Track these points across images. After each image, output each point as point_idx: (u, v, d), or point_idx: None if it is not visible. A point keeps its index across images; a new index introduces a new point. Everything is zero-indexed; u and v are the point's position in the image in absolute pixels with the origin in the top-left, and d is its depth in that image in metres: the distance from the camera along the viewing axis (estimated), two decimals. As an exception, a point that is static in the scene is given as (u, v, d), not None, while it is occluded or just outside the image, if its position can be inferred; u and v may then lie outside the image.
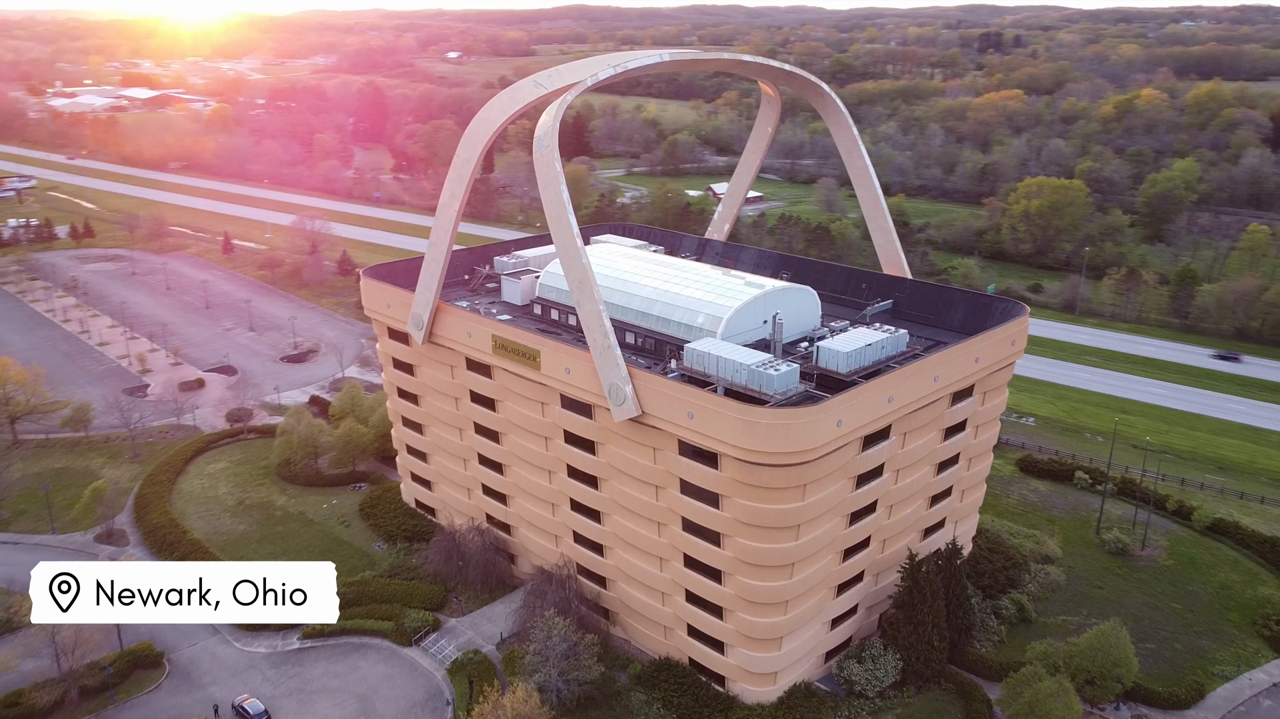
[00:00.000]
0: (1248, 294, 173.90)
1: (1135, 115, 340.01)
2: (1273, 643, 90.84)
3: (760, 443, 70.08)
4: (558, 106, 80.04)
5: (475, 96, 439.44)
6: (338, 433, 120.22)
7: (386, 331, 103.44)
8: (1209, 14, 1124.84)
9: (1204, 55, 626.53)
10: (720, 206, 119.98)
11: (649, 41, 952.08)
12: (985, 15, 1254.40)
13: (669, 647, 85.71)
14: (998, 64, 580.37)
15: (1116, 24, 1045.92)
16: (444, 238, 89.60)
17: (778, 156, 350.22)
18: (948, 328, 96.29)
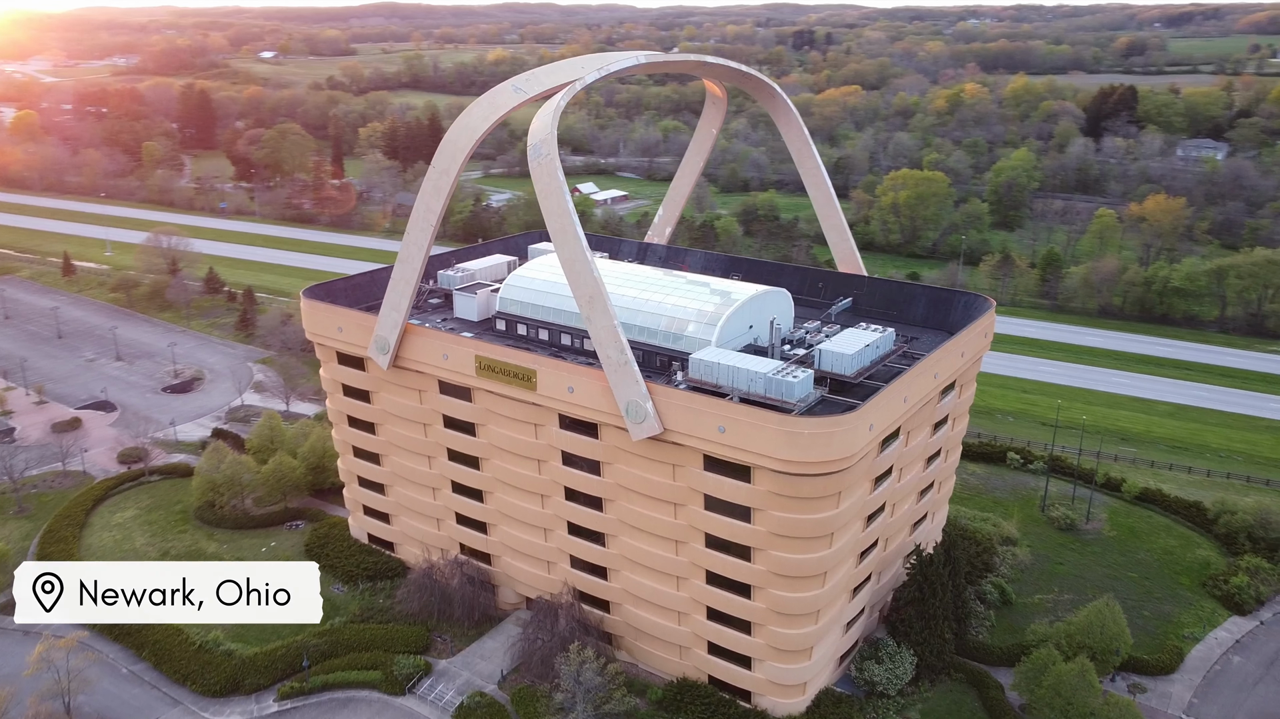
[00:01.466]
0: (1110, 274, 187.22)
1: (965, 109, 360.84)
2: (1225, 602, 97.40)
3: (803, 453, 68.68)
4: (553, 112, 75.91)
5: (309, 99, 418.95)
6: (266, 468, 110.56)
7: (335, 357, 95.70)
8: (990, 12, 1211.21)
9: (1000, 52, 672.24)
10: (661, 210, 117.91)
11: (473, 40, 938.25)
12: (789, 14, 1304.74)
13: (685, 667, 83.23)
14: (821, 61, 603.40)
15: (912, 21, 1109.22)
16: (416, 255, 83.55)
17: (634, 155, 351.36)
18: (911, 323, 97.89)
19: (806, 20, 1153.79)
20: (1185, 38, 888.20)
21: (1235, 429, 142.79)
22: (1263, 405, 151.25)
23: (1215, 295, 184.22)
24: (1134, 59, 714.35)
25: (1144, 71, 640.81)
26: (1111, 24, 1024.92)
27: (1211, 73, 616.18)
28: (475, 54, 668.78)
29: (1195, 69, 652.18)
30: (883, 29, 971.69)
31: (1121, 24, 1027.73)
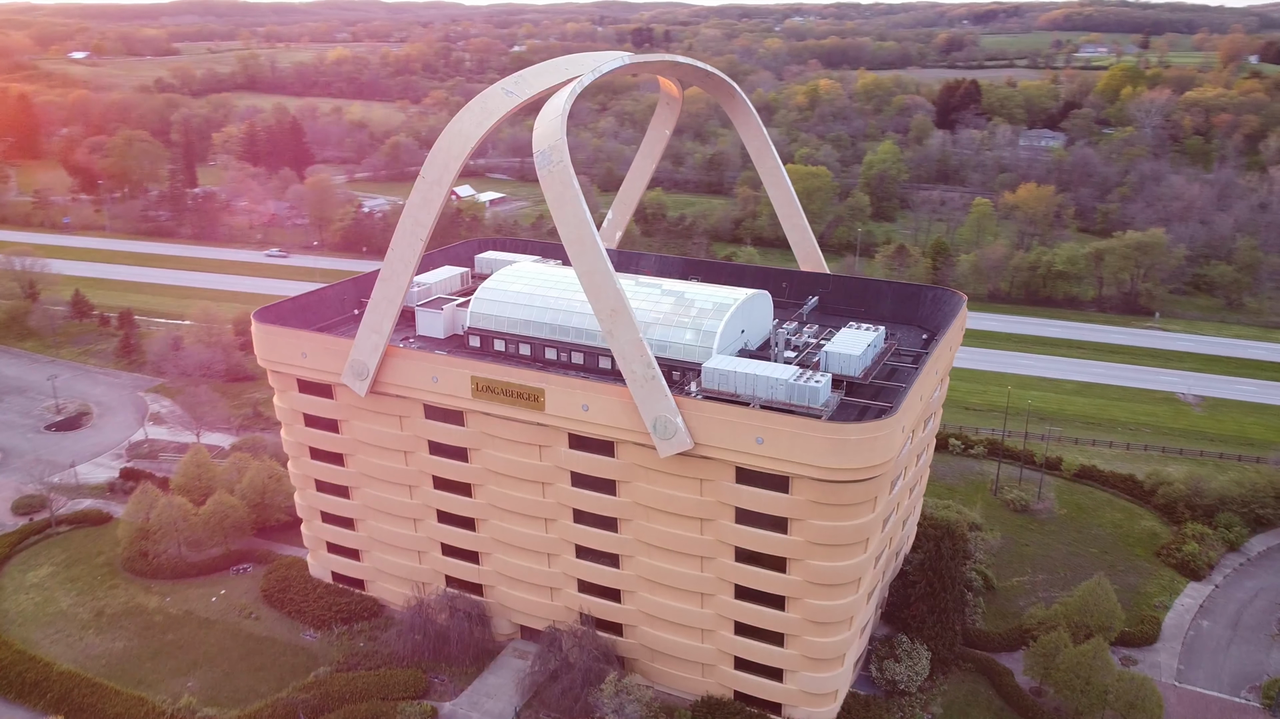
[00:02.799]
0: (998, 261, 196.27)
1: (824, 104, 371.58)
2: (1181, 569, 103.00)
3: (849, 459, 67.57)
4: (559, 117, 71.85)
5: (143, 103, 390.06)
6: (204, 509, 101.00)
7: (295, 385, 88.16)
8: (813, 10, 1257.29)
9: (835, 48, 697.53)
10: (611, 213, 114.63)
11: (305, 39, 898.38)
12: (620, 11, 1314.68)
13: (707, 684, 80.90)
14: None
15: (741, 19, 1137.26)
16: (402, 272, 77.84)
17: (505, 155, 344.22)
18: (879, 319, 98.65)
19: (639, 18, 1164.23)
20: (993, 34, 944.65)
21: (1137, 403, 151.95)
22: (1154, 379, 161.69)
23: (1094, 277, 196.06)
24: (954, 54, 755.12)
25: (966, 66, 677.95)
26: (925, 20, 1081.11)
27: (1026, 67, 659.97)
28: (313, 53, 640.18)
29: (1011, 63, 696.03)
30: (717, 27, 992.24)
31: (934, 20, 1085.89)
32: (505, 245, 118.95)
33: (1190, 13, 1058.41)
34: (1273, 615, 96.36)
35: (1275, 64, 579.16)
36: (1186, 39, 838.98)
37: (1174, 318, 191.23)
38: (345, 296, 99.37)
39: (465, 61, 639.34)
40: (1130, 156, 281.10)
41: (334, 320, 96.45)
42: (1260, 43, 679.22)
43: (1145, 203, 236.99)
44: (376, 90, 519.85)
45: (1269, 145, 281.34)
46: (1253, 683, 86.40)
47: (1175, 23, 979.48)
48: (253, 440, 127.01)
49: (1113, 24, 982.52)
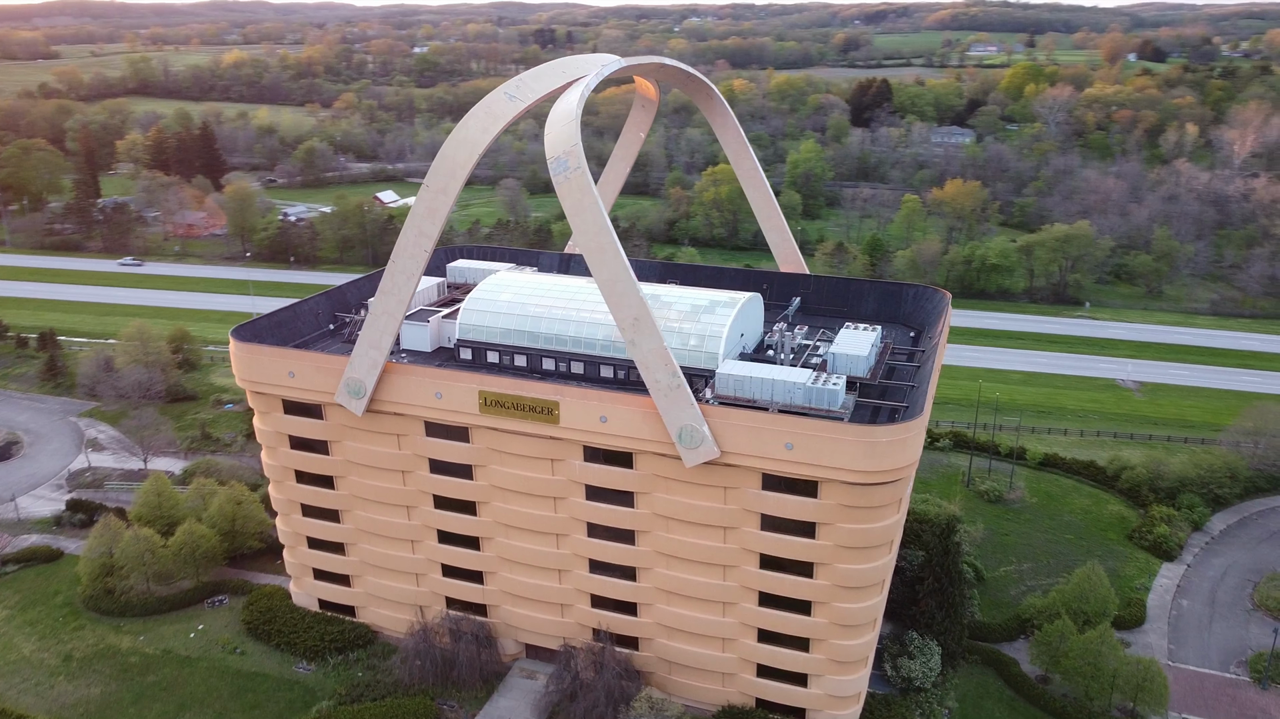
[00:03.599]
0: (933, 256, 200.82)
1: (742, 103, 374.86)
2: (1154, 551, 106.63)
3: (880, 461, 67.39)
4: (572, 121, 69.82)
5: (32, 109, 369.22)
6: (174, 540, 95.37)
7: (280, 406, 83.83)
8: (709, 10, 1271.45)
9: (738, 49, 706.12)
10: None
11: (196, 40, 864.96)
12: (516, 12, 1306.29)
13: (728, 694, 79.93)
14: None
15: (639, 20, 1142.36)
16: (405, 285, 74.49)
17: (423, 159, 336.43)
18: (862, 318, 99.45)
19: (538, 19, 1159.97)
20: (885, 34, 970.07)
21: (1081, 390, 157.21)
22: (1093, 366, 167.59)
23: (1025, 269, 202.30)
24: (853, 54, 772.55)
25: (865, 65, 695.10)
26: (819, 21, 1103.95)
27: (923, 65, 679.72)
28: (208, 56, 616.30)
29: (908, 62, 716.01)
30: (618, 28, 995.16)
31: (827, 21, 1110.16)
32: (474, 254, 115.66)
33: (1068, 13, 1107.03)
34: (1244, 591, 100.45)
35: (1152, 61, 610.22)
36: (1068, 38, 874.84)
37: (1101, 307, 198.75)
38: (320, 311, 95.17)
39: (368, 63, 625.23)
40: (1040, 151, 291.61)
41: (311, 336, 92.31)
42: (1137, 41, 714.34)
43: (1062, 196, 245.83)
44: (278, 94, 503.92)
45: (1168, 139, 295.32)
46: (1239, 658, 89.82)
47: (1054, 22, 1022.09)
48: (206, 464, 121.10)
49: (997, 24, 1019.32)
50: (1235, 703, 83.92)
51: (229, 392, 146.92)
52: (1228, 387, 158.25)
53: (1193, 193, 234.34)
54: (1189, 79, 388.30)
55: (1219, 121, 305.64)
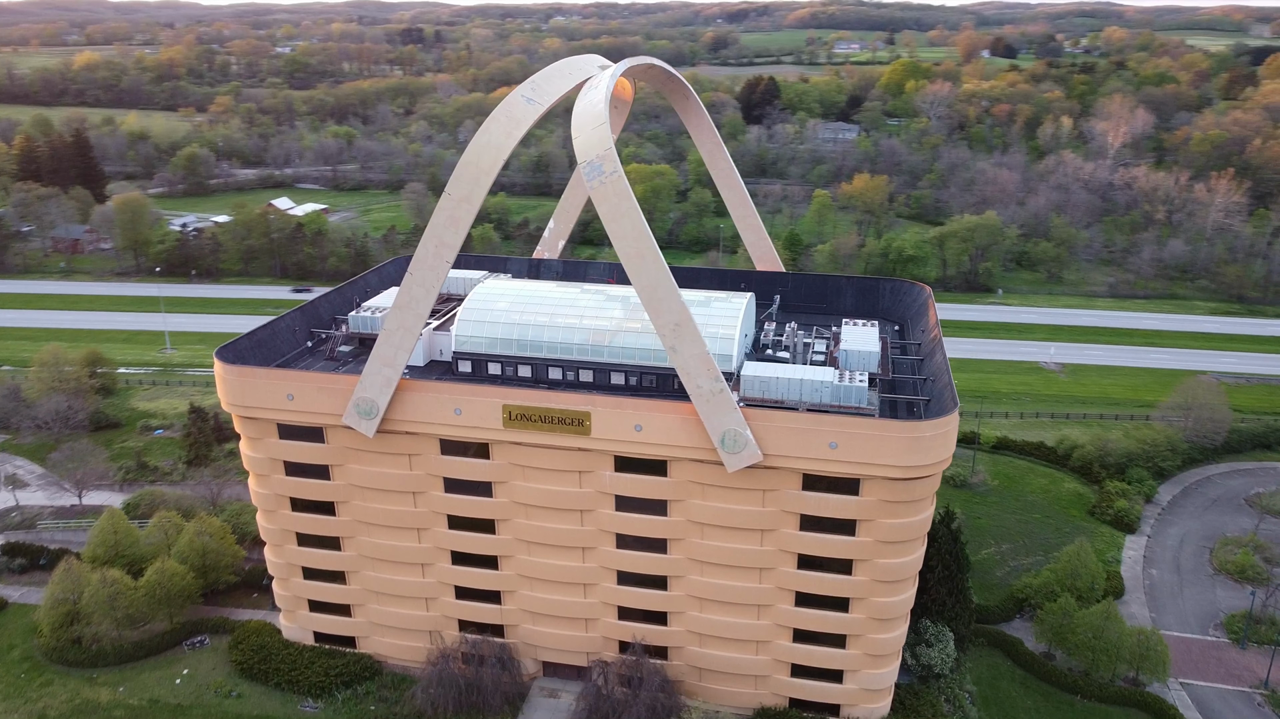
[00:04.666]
0: (851, 249, 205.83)
1: (636, 102, 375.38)
2: (1116, 524, 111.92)
3: (922, 456, 68.33)
4: (604, 124, 68.02)
5: None
6: (145, 581, 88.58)
7: (274, 431, 78.92)
8: (573, 9, 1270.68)
9: (612, 47, 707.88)
10: (552, 223, 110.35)
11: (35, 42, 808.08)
12: (374, 10, 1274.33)
13: (760, 696, 79.69)
14: (457, 59, 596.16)
15: (504, 19, 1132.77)
16: (423, 299, 71.22)
17: (312, 164, 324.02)
18: (842, 313, 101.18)
19: (400, 18, 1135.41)
20: (749, 32, 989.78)
21: (1010, 374, 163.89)
22: (1015, 350, 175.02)
23: (938, 259, 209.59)
24: (723, 52, 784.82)
25: (738, 63, 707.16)
26: (683, 19, 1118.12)
27: (793, 64, 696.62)
28: (54, 58, 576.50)
29: (778, 60, 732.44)
30: (487, 26, 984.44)
31: (691, 19, 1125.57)
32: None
33: (918, 11, 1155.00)
34: (1203, 557, 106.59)
35: (1005, 57, 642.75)
36: (923, 36, 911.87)
37: (1011, 293, 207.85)
38: (296, 328, 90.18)
39: (231, 65, 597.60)
40: (930, 145, 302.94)
41: (291, 354, 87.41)
42: (989, 38, 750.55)
43: (958, 188, 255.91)
44: (139, 98, 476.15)
45: (1044, 132, 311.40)
46: (1215, 620, 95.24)
47: (907, 20, 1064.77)
48: (150, 496, 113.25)
49: (854, 22, 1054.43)
50: (1221, 664, 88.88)
51: (156, 416, 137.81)
52: (1140, 364, 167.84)
53: (1079, 182, 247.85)
54: (1054, 74, 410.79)
55: (1087, 114, 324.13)
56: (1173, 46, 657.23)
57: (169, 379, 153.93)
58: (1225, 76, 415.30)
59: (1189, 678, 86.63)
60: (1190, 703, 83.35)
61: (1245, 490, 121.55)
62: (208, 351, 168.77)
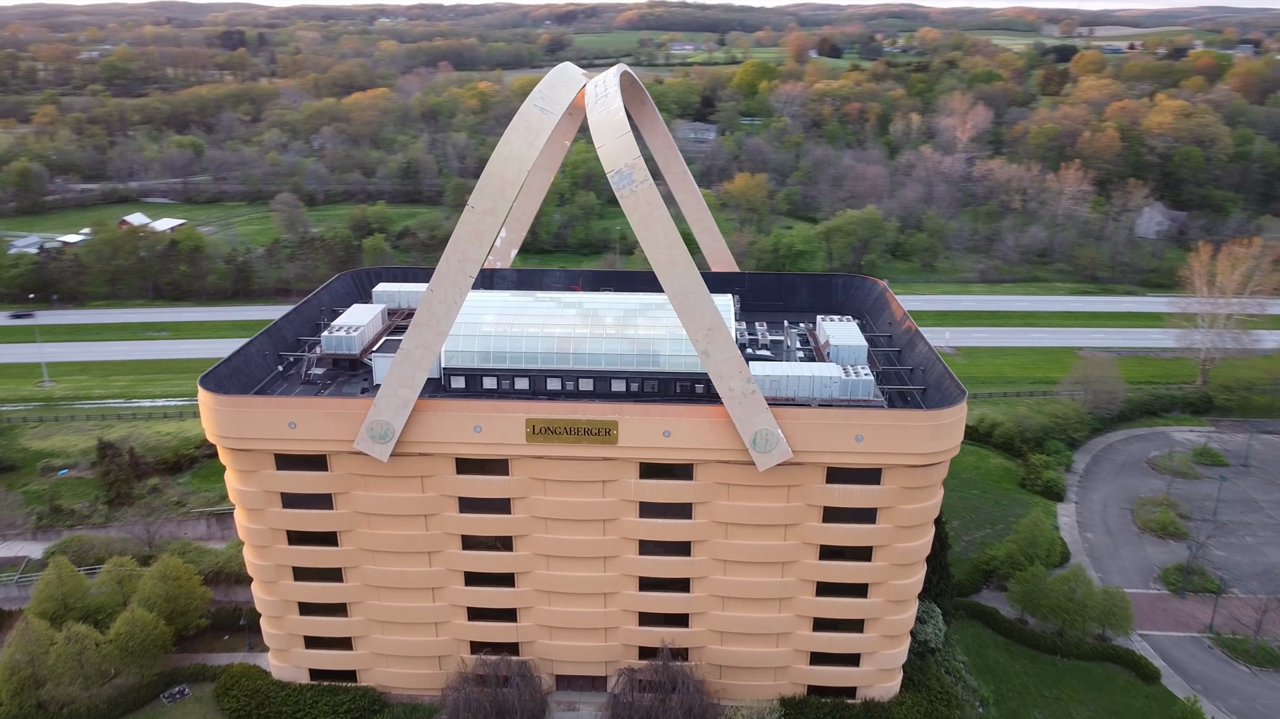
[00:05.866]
0: (743, 245, 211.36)
1: (497, 106, 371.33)
2: (1046, 494, 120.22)
3: (941, 442, 71.96)
4: (629, 133, 68.27)
5: None
6: (114, 634, 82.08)
7: (272, 461, 74.90)
8: (396, 10, 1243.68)
9: (450, 49, 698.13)
10: (504, 232, 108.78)
11: None
12: (182, 12, 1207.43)
13: (780, 687, 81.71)
14: (292, 64, 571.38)
15: (326, 20, 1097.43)
16: (444, 316, 69.28)
17: (161, 176, 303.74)
18: (799, 310, 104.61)
19: (214, 19, 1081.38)
20: (581, 34, 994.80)
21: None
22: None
23: (825, 252, 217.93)
24: (560, 54, 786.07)
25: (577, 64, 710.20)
26: (511, 21, 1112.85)
27: (632, 64, 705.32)
28: None
29: (616, 61, 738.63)
30: (310, 28, 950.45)
31: (519, 21, 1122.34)
32: (386, 276, 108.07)
33: (740, 13, 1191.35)
34: (1126, 518, 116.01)
35: (831, 57, 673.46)
36: (750, 36, 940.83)
37: (893, 283, 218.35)
38: (266, 351, 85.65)
39: (39, 71, 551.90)
40: (792, 143, 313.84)
41: (266, 380, 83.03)
42: (815, 39, 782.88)
43: (829, 185, 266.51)
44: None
45: (896, 128, 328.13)
46: (1152, 574, 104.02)
47: (730, 21, 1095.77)
48: (76, 542, 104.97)
49: (680, 23, 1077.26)
50: (1168, 613, 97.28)
51: (58, 455, 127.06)
52: (1023, 344, 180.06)
53: (939, 175, 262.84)
54: (893, 73, 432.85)
55: (930, 111, 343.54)
56: (982, 46, 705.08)
57: (57, 414, 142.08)
58: (1041, 74, 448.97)
59: (1145, 629, 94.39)
60: (1153, 652, 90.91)
61: (1144, 454, 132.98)
62: (92, 383, 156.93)
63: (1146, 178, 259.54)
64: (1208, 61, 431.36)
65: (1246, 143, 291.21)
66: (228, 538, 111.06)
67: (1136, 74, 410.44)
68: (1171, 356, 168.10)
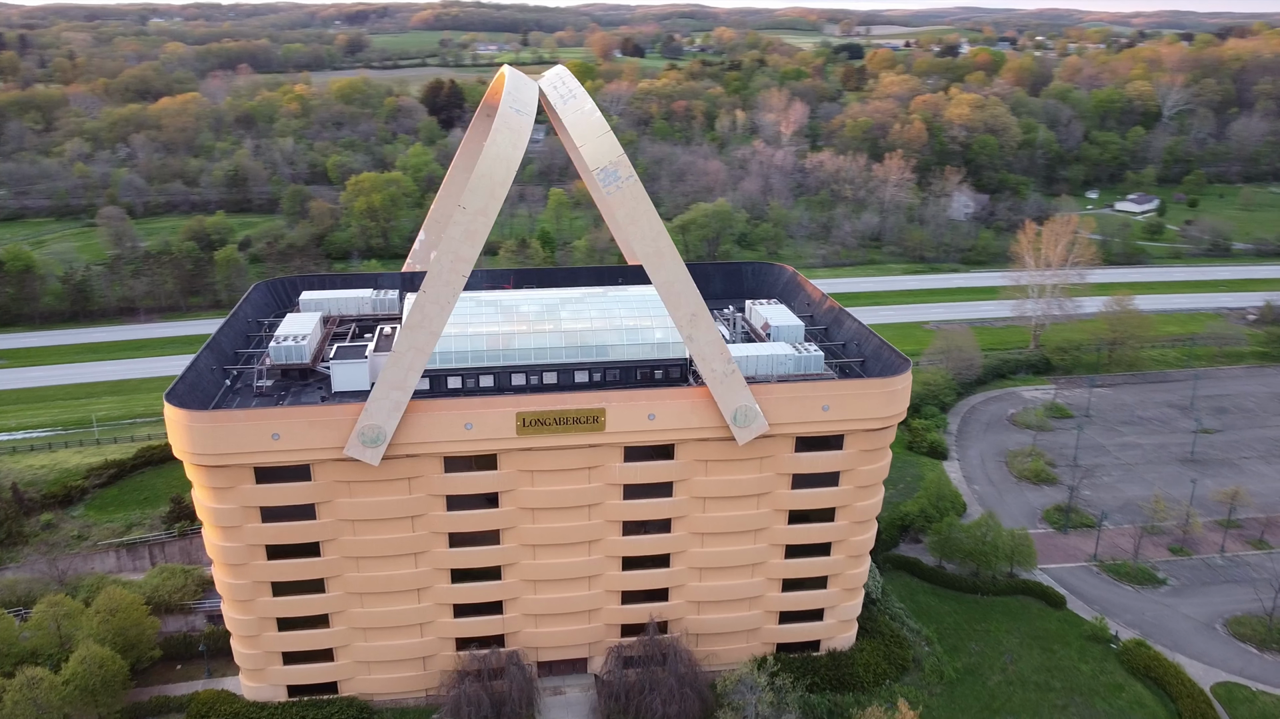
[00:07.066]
0: (606, 243, 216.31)
1: (319, 109, 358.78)
2: (932, 454, 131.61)
3: (895, 406, 79.49)
4: (608, 131, 71.47)
5: None
6: (68, 672, 77.52)
7: (251, 475, 73.36)
8: (169, 10, 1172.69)
9: (242, 51, 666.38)
10: (423, 234, 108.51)
11: None
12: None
13: (752, 648, 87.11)
14: (72, 68, 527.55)
15: (91, 20, 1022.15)
16: (437, 318, 70.17)
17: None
18: (715, 296, 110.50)
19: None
20: (376, 34, 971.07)
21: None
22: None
23: (682, 244, 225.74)
24: (359, 54, 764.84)
25: (382, 66, 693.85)
26: (298, 21, 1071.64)
27: (439, 65, 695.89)
28: None
29: (423, 62, 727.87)
30: (76, 29, 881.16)
31: (307, 21, 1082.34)
32: (303, 284, 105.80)
33: (536, 13, 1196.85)
34: (1002, 470, 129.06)
35: (634, 56, 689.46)
36: (551, 36, 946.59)
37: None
38: (211, 366, 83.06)
39: None
40: (627, 141, 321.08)
41: (219, 395, 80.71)
42: (618, 39, 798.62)
43: (670, 180, 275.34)
44: None
45: (722, 124, 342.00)
46: (1036, 516, 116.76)
47: (526, 21, 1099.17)
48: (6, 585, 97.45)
49: (478, 23, 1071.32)
50: (1056, 547, 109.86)
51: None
52: (873, 321, 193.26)
53: (774, 168, 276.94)
54: (709, 72, 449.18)
55: (749, 107, 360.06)
56: (778, 45, 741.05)
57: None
58: (841, 70, 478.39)
59: (1043, 564, 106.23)
60: (1054, 582, 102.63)
61: (1003, 413, 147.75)
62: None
63: (952, 165, 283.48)
64: (985, 58, 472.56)
65: (1031, 131, 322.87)
66: (140, 568, 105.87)
67: (925, 70, 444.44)
68: (1004, 325, 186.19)
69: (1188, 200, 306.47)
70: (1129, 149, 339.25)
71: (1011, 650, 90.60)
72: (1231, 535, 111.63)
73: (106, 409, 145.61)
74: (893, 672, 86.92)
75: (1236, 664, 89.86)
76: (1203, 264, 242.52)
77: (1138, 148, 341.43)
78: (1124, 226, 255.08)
